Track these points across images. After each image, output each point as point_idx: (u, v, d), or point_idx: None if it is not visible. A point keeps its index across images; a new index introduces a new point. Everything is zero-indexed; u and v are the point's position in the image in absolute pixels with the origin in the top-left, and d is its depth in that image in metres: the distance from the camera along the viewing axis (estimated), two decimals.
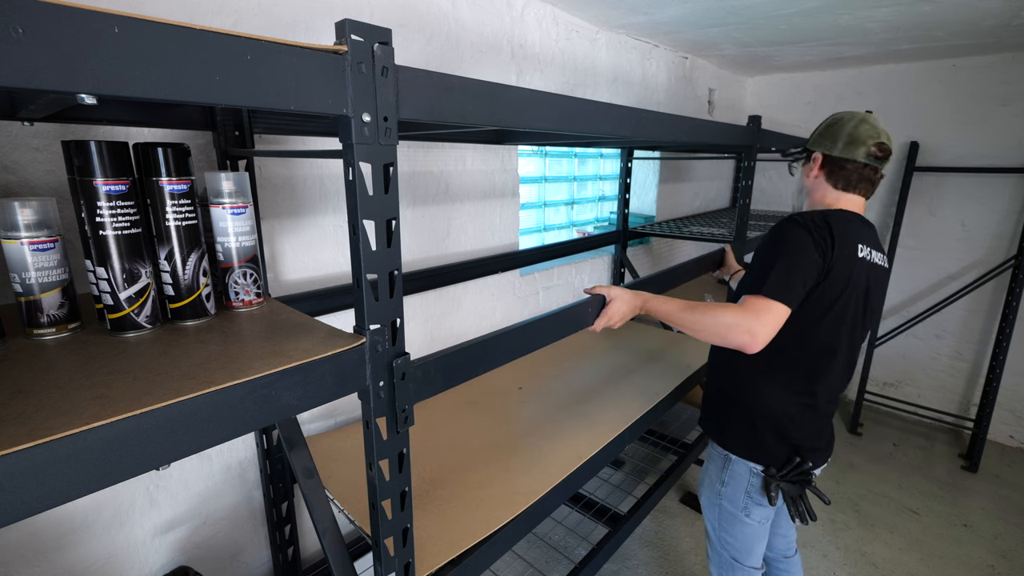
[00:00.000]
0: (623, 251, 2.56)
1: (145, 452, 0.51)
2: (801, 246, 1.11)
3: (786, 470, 1.21)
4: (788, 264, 1.11)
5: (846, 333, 1.18)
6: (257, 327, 0.79)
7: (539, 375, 1.80)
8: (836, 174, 1.22)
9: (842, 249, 1.12)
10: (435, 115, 0.69)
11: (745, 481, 1.27)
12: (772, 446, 1.23)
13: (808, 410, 1.22)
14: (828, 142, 1.22)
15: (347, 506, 1.06)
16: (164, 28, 0.45)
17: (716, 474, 1.33)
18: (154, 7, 1.03)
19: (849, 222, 1.17)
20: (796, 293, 1.10)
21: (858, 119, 1.19)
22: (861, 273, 1.16)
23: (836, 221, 1.15)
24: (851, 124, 1.19)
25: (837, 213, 1.18)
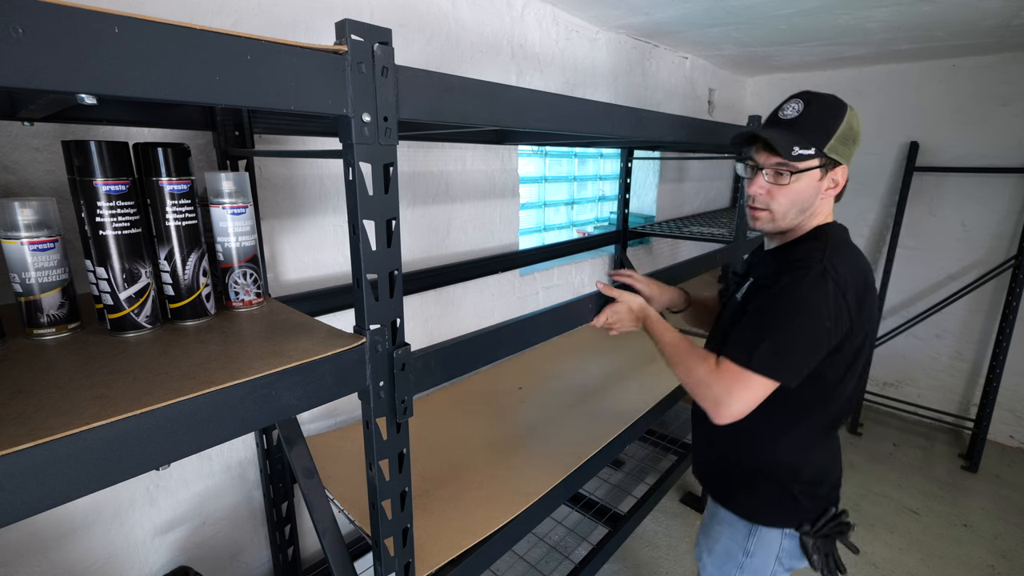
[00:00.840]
0: (623, 251, 2.56)
1: (145, 452, 0.51)
2: (818, 309, 0.89)
3: (822, 523, 1.04)
4: (794, 333, 0.89)
5: (865, 371, 1.04)
6: (257, 327, 0.79)
7: (539, 375, 1.80)
8: (843, 186, 1.01)
9: (866, 297, 0.94)
10: (435, 115, 0.69)
11: (776, 546, 1.07)
12: (807, 505, 1.04)
13: (835, 454, 1.09)
14: (846, 149, 0.96)
15: (347, 506, 1.06)
16: (164, 28, 0.44)
17: (737, 543, 1.11)
18: (154, 7, 1.03)
19: (857, 251, 1.00)
20: (795, 369, 0.90)
21: (851, 111, 0.97)
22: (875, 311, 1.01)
23: (853, 260, 0.95)
24: (853, 119, 0.96)
25: (846, 247, 0.98)
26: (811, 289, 0.89)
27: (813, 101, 0.96)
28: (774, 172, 0.97)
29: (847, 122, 0.94)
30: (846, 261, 0.93)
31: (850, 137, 0.96)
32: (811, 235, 1.00)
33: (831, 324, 0.89)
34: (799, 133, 0.94)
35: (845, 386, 0.98)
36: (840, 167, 0.98)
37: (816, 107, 0.95)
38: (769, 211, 0.99)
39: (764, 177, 0.98)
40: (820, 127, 0.94)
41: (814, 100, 0.96)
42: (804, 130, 0.94)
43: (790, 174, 0.95)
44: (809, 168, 0.95)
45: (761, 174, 0.98)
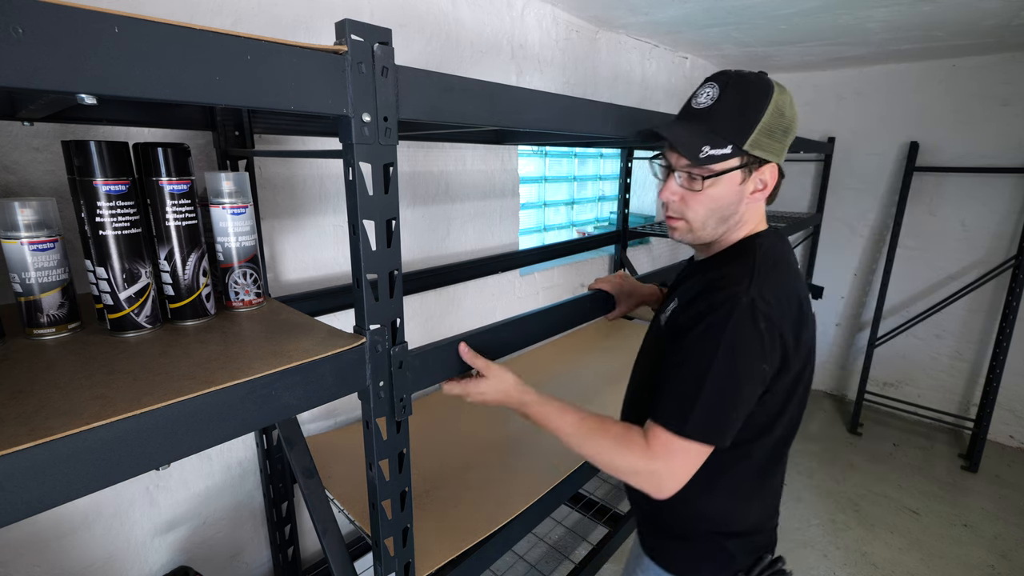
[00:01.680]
0: (623, 251, 2.56)
1: (145, 452, 0.51)
2: (750, 355, 0.74)
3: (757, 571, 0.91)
4: (729, 389, 0.74)
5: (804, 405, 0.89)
6: (257, 327, 0.79)
7: (539, 375, 1.80)
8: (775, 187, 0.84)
9: (801, 327, 0.80)
10: (435, 115, 0.69)
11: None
12: (738, 556, 0.91)
13: (774, 493, 0.95)
14: (775, 143, 0.79)
15: (347, 506, 1.06)
16: (164, 28, 0.44)
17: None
18: (154, 7, 1.03)
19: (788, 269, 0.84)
20: (731, 428, 0.76)
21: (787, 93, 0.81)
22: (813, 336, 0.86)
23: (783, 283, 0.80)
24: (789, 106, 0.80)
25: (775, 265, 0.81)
26: (741, 331, 0.74)
27: (731, 85, 0.79)
28: (687, 176, 0.81)
29: (774, 110, 0.77)
30: (778, 284, 0.78)
31: (780, 127, 0.79)
32: (738, 249, 0.85)
33: (768, 367, 0.76)
34: (712, 127, 0.79)
35: (781, 422, 0.84)
36: (768, 165, 0.81)
37: (734, 93, 0.78)
38: (685, 220, 0.85)
39: (677, 181, 0.83)
40: (739, 118, 0.78)
41: (732, 84, 0.79)
42: (719, 123, 0.78)
43: (703, 179, 0.80)
44: (726, 170, 0.79)
45: (674, 177, 0.83)
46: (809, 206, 3.37)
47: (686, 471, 0.76)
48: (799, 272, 0.88)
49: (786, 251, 0.88)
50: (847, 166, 3.17)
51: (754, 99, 0.78)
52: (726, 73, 0.81)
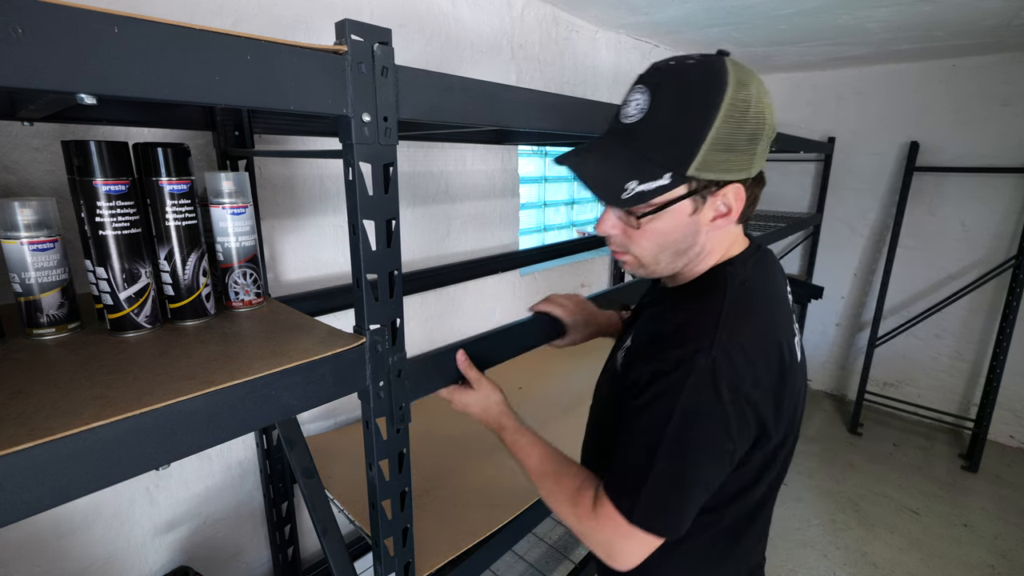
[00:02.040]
0: None
1: (145, 452, 0.51)
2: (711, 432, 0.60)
3: None
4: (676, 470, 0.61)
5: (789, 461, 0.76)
6: (257, 327, 0.79)
7: (539, 375, 1.80)
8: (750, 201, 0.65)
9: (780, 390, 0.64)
10: (435, 115, 0.69)
11: None
12: None
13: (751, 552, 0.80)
14: (740, 156, 0.60)
15: (347, 506, 1.06)
16: (164, 28, 0.44)
17: None
18: (154, 7, 1.03)
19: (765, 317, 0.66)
20: (685, 516, 0.63)
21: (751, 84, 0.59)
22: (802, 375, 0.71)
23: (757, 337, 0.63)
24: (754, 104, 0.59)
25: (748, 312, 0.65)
26: (699, 404, 0.59)
27: (664, 88, 0.60)
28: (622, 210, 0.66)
29: (729, 115, 0.57)
30: (752, 334, 0.62)
31: (742, 135, 0.59)
32: (704, 283, 0.69)
33: (732, 445, 0.61)
34: (642, 151, 0.61)
35: (760, 486, 0.71)
36: (730, 186, 0.62)
37: (669, 100, 0.59)
38: (632, 256, 0.69)
39: (614, 212, 0.68)
40: (677, 136, 0.59)
41: (665, 86, 0.60)
42: (649, 145, 0.61)
43: (637, 217, 0.64)
44: (667, 203, 0.62)
45: (610, 207, 0.67)
46: (809, 206, 3.37)
47: (636, 555, 0.64)
48: (785, 300, 0.71)
49: (766, 279, 0.70)
50: (847, 166, 3.17)
51: (698, 105, 0.58)
52: (659, 70, 0.61)
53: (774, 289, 0.71)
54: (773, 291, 0.70)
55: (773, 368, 0.63)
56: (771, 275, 0.72)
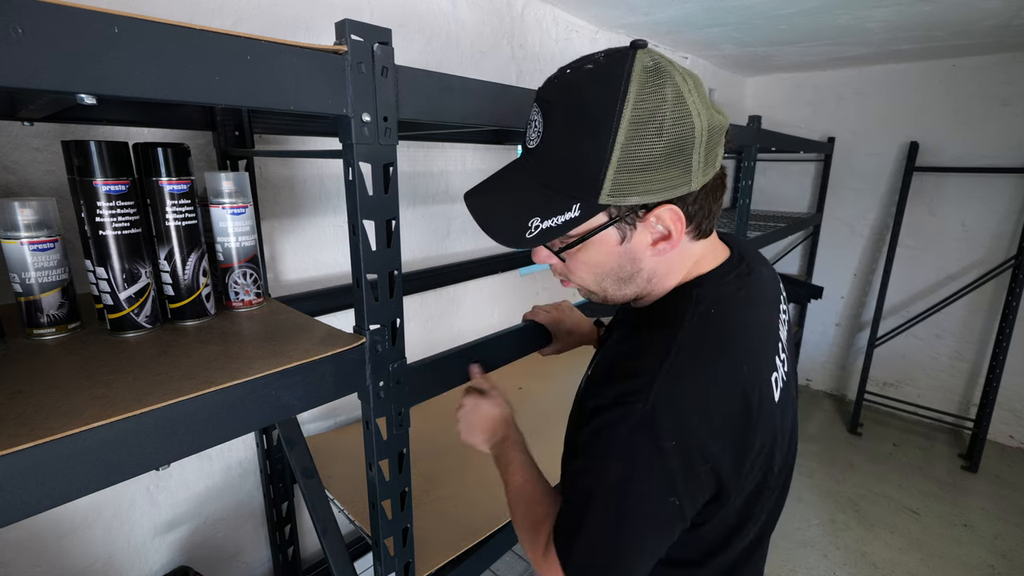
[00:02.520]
0: None
1: (145, 452, 0.51)
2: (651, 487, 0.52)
3: None
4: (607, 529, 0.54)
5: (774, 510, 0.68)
6: (257, 327, 0.79)
7: (539, 375, 1.80)
8: (699, 216, 0.56)
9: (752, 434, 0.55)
10: (435, 115, 0.69)
11: None
12: None
13: None
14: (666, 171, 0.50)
15: (347, 506, 1.06)
16: (164, 28, 0.44)
17: None
18: (154, 7, 1.03)
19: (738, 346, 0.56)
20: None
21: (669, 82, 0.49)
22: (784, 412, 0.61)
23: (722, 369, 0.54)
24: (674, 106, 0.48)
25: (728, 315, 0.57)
26: (634, 455, 0.51)
27: (555, 104, 0.52)
28: None
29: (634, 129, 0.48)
30: (701, 376, 0.53)
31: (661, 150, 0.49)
32: (664, 309, 0.60)
33: (679, 501, 0.52)
34: (545, 179, 0.54)
35: (743, 535, 0.63)
36: (663, 208, 0.53)
37: (561, 119, 0.51)
38: (576, 284, 0.65)
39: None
40: (574, 160, 0.51)
41: (557, 102, 0.52)
42: (550, 173, 0.53)
43: (556, 251, 0.59)
44: (587, 234, 0.55)
45: None
46: (809, 206, 3.37)
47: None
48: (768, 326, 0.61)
49: (746, 299, 0.60)
50: (847, 166, 3.17)
51: (591, 121, 0.49)
52: (551, 82, 0.54)
53: (755, 312, 0.60)
54: (752, 316, 0.60)
55: (733, 415, 0.53)
56: (755, 292, 0.62)
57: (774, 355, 0.59)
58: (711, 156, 0.52)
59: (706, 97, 0.51)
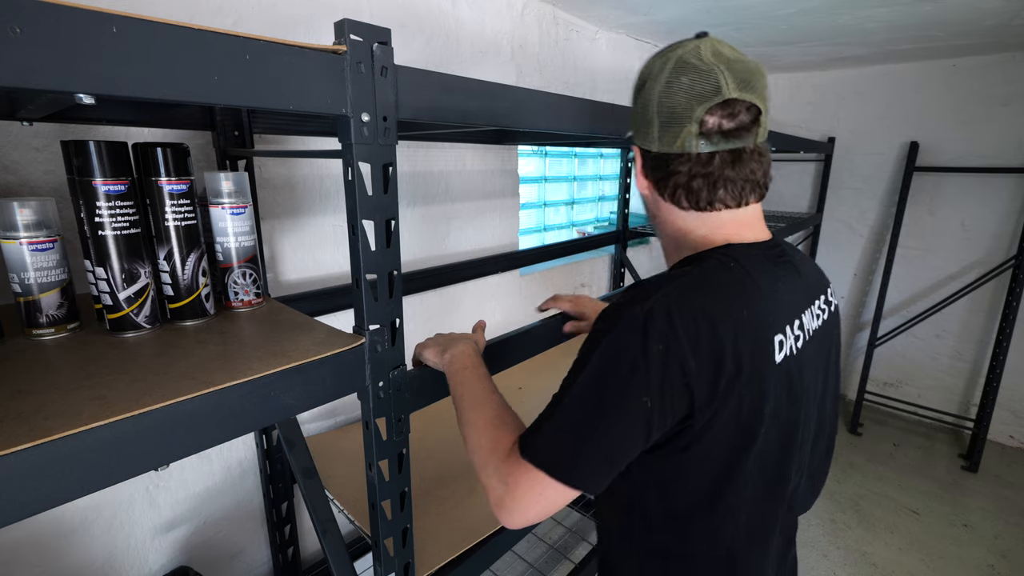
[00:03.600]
0: (623, 251, 2.56)
1: (144, 452, 0.51)
2: (628, 380, 0.55)
3: None
4: (588, 411, 0.57)
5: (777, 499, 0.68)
6: (256, 327, 0.79)
7: (539, 375, 1.80)
8: (671, 184, 0.65)
9: (736, 365, 0.56)
10: (435, 115, 0.69)
11: None
12: None
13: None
14: (642, 124, 0.66)
15: (347, 506, 1.06)
16: (164, 28, 0.44)
17: None
18: (154, 7, 1.03)
19: (743, 290, 0.60)
20: (587, 469, 0.57)
21: (672, 66, 0.62)
22: (791, 385, 0.63)
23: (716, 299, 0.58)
24: (661, 83, 0.62)
25: (715, 274, 0.61)
26: (621, 347, 0.56)
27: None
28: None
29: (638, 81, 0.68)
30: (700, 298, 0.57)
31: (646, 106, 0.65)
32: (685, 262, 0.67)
33: (650, 401, 0.55)
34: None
35: (732, 498, 0.62)
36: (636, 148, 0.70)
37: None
38: None
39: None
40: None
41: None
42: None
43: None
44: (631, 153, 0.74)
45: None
46: (809, 206, 3.37)
47: (530, 505, 0.59)
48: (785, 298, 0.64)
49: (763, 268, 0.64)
50: (847, 166, 3.17)
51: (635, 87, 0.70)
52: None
53: (772, 280, 0.64)
54: (768, 282, 0.63)
55: (718, 346, 0.56)
56: (781, 271, 0.66)
57: (786, 324, 0.63)
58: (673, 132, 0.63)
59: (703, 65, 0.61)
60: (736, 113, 0.61)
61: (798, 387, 0.64)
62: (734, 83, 0.60)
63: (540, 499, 0.59)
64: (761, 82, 0.62)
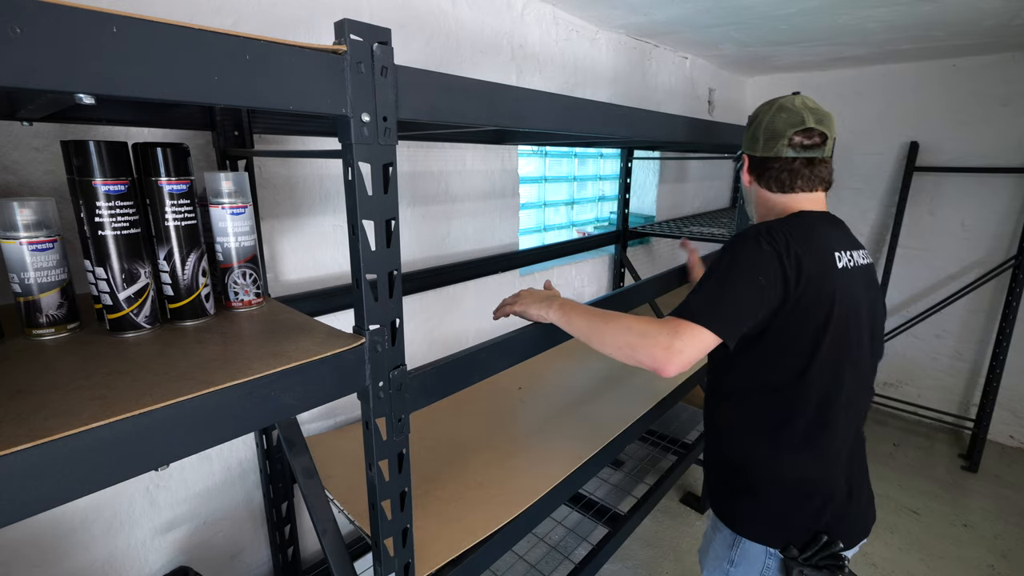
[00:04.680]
0: (623, 251, 2.56)
1: (144, 452, 0.51)
2: (749, 266, 0.89)
3: (810, 552, 0.95)
4: (724, 285, 0.89)
5: (852, 363, 0.96)
6: (256, 327, 0.79)
7: (539, 375, 1.80)
8: (766, 176, 1.03)
9: (813, 267, 0.90)
10: (435, 115, 0.69)
11: (760, 564, 1.00)
12: (790, 523, 0.98)
13: (827, 464, 0.98)
14: (750, 141, 1.05)
15: (347, 506, 1.06)
16: (163, 28, 0.44)
17: (724, 550, 1.06)
18: (154, 7, 1.03)
19: (813, 228, 0.97)
20: (728, 321, 0.87)
21: (775, 108, 1.01)
22: (849, 287, 0.95)
23: (798, 229, 0.94)
24: (767, 117, 1.01)
25: (792, 221, 0.97)
26: (746, 247, 0.92)
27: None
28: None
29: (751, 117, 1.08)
30: (786, 226, 0.95)
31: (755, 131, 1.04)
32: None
33: (765, 282, 0.88)
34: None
35: (815, 376, 0.92)
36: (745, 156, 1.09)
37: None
38: None
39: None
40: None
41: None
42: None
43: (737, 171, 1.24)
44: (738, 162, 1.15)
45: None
46: None
47: (692, 346, 0.85)
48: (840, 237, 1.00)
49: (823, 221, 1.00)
50: (847, 166, 3.17)
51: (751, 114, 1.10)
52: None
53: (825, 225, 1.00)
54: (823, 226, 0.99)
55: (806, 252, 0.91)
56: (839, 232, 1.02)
57: (841, 249, 0.97)
58: (772, 144, 1.01)
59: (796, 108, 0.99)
60: (812, 136, 0.99)
61: (854, 291, 0.96)
62: (812, 119, 0.98)
63: (696, 343, 0.85)
64: (830, 120, 1.00)
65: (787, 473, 0.98)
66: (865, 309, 0.98)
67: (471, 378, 0.87)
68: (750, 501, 1.01)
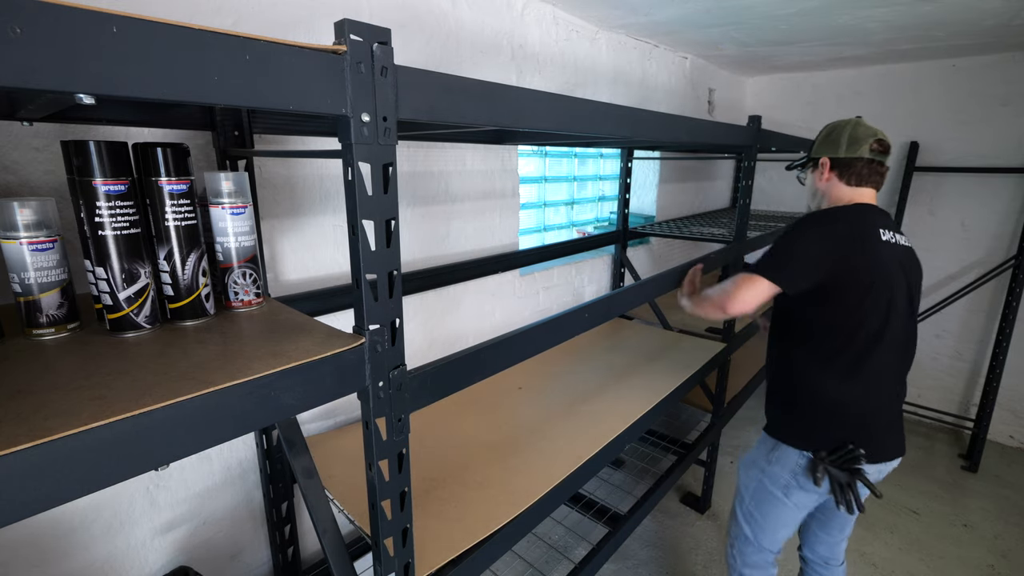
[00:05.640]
0: (623, 251, 2.56)
1: (144, 452, 0.51)
2: (809, 238, 1.24)
3: (836, 455, 1.24)
4: (787, 250, 1.26)
5: (892, 317, 1.22)
6: (256, 327, 0.79)
7: (539, 375, 1.80)
8: (847, 173, 1.33)
9: (863, 238, 1.22)
10: (435, 115, 0.69)
11: (792, 462, 1.31)
12: (822, 434, 1.27)
13: (864, 392, 1.25)
14: (831, 147, 1.36)
15: (347, 506, 1.06)
16: (163, 28, 0.44)
17: (763, 453, 1.38)
18: (154, 7, 1.03)
19: (865, 213, 1.28)
20: (788, 275, 1.23)
21: (853, 123, 1.34)
22: (891, 256, 1.24)
23: (851, 213, 1.27)
24: (849, 128, 1.33)
25: (852, 207, 1.30)
26: (804, 227, 1.28)
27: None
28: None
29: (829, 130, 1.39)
30: (835, 215, 1.28)
31: (838, 138, 1.35)
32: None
33: (819, 249, 1.22)
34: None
35: (860, 320, 1.21)
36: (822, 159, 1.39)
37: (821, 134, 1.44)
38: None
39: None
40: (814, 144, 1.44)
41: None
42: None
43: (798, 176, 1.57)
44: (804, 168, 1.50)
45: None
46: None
47: (749, 293, 1.25)
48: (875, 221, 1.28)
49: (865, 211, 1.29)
50: None
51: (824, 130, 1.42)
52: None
53: (875, 212, 1.31)
54: (874, 212, 1.30)
55: (856, 233, 1.24)
56: (871, 213, 1.30)
57: (885, 228, 1.28)
58: (855, 147, 1.32)
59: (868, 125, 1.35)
60: (884, 145, 1.32)
61: (894, 257, 1.25)
62: (881, 134, 1.32)
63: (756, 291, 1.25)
64: (887, 136, 1.33)
65: (829, 394, 1.26)
66: (902, 273, 1.25)
67: (471, 378, 0.87)
68: (794, 414, 1.33)
